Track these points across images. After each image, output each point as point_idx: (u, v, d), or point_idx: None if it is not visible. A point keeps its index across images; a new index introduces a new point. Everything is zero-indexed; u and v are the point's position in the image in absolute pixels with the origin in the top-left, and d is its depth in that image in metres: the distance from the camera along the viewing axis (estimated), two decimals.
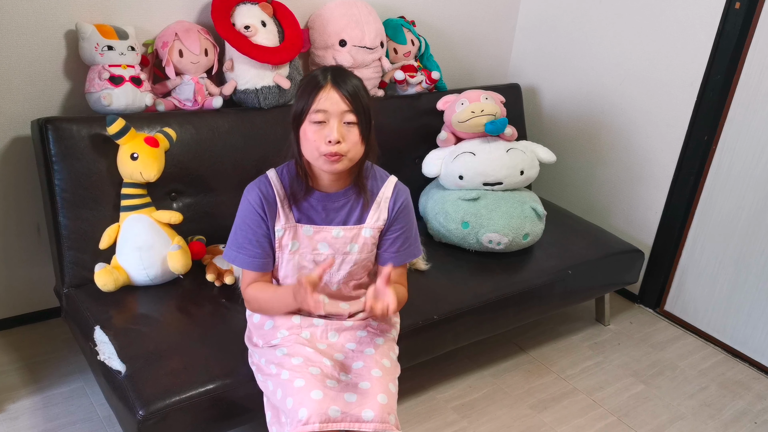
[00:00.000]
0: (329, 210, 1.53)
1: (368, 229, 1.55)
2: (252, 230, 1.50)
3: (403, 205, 1.57)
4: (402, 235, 1.58)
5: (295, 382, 1.41)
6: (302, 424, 1.33)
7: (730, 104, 2.35)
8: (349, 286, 1.60)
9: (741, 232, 2.39)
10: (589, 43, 2.75)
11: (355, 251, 1.56)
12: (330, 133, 1.40)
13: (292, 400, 1.38)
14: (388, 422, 1.39)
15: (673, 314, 2.68)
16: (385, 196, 1.56)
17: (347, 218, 1.54)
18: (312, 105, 1.41)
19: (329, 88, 1.41)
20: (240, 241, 1.52)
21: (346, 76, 1.44)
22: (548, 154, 2.38)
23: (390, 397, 1.44)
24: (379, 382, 1.45)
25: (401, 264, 1.60)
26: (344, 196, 1.53)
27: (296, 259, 1.54)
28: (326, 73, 1.44)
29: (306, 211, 1.53)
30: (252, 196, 1.50)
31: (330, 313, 1.59)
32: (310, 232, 1.53)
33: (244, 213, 1.52)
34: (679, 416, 2.15)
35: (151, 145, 1.82)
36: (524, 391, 2.20)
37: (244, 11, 2.10)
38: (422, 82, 2.52)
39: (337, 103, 1.41)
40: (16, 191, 2.08)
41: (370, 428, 1.37)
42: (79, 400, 1.95)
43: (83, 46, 1.93)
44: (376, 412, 1.38)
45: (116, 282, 1.81)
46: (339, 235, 1.54)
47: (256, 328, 1.60)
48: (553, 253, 2.31)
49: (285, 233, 1.51)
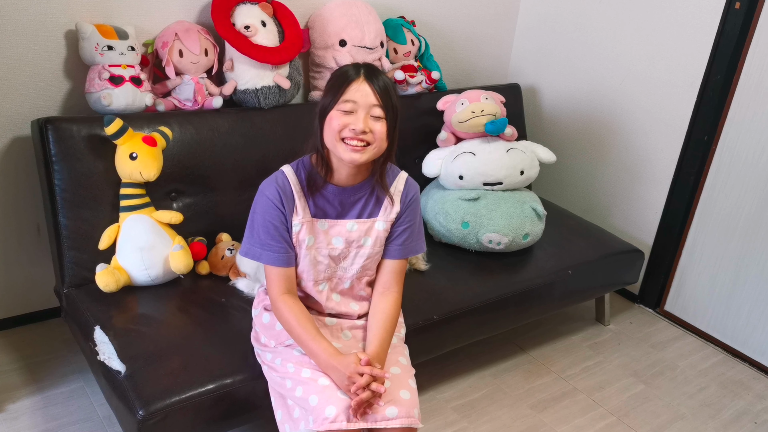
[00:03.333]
0: (345, 204, 1.54)
1: (381, 222, 1.56)
2: (274, 225, 1.49)
3: (413, 199, 1.59)
4: (409, 229, 1.58)
5: (319, 380, 1.42)
6: (330, 421, 1.34)
7: (730, 104, 2.35)
8: (361, 282, 1.60)
9: (741, 232, 2.39)
10: (589, 43, 2.75)
11: (369, 244, 1.56)
12: (356, 123, 1.40)
13: (317, 397, 1.39)
14: (413, 416, 1.41)
15: (673, 314, 2.68)
16: (398, 189, 1.57)
17: (361, 212, 1.55)
18: (341, 96, 1.41)
19: (361, 81, 1.42)
20: (263, 238, 1.49)
21: (379, 73, 1.45)
22: (548, 154, 2.38)
23: (411, 393, 1.46)
24: (398, 379, 1.46)
25: (404, 257, 1.60)
26: (360, 190, 1.54)
27: (312, 254, 1.54)
28: (359, 67, 1.44)
29: (321, 205, 1.53)
30: (270, 191, 1.49)
31: (339, 313, 1.60)
32: (325, 227, 1.54)
33: (264, 209, 1.49)
34: (679, 416, 2.15)
35: (149, 144, 1.82)
36: (524, 391, 2.20)
37: (244, 11, 2.10)
38: (422, 82, 2.52)
39: (367, 96, 1.41)
40: (16, 191, 2.08)
41: (397, 424, 1.39)
42: (79, 400, 1.95)
43: (83, 46, 1.93)
44: (399, 408, 1.40)
45: (118, 282, 1.81)
46: (353, 229, 1.55)
47: (266, 328, 1.60)
48: (553, 253, 2.31)
49: (302, 228, 1.51)
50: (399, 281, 1.61)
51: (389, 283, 1.60)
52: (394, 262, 1.59)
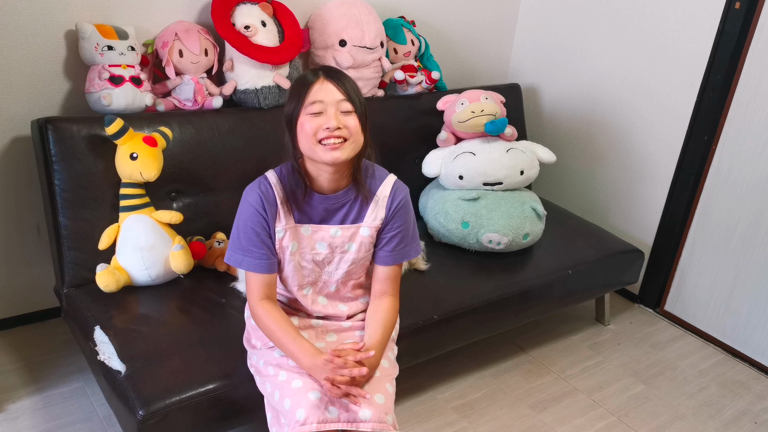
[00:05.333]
0: (329, 210, 1.52)
1: (366, 228, 1.54)
2: (255, 232, 1.47)
3: (401, 204, 1.55)
4: (399, 234, 1.55)
5: (292, 383, 1.42)
6: (300, 424, 1.34)
7: (730, 104, 2.35)
8: (347, 286, 1.60)
9: (741, 232, 2.39)
10: (589, 43, 2.75)
11: (353, 250, 1.55)
12: (328, 121, 1.39)
13: (290, 401, 1.39)
14: (386, 422, 1.39)
15: (673, 314, 2.68)
16: (383, 194, 1.54)
17: (345, 217, 1.53)
18: (306, 99, 1.40)
19: (322, 80, 1.41)
20: (244, 244, 1.48)
21: (339, 72, 1.45)
22: (548, 154, 2.38)
23: (387, 398, 1.44)
24: (376, 383, 1.45)
25: (396, 263, 1.58)
26: (344, 196, 1.52)
27: (296, 259, 1.53)
28: (316, 70, 1.44)
29: (305, 211, 1.52)
30: (252, 198, 1.48)
31: (327, 315, 1.59)
32: (309, 232, 1.52)
33: (246, 215, 1.48)
34: (679, 416, 2.15)
35: (149, 144, 1.82)
36: (524, 391, 2.20)
37: (244, 11, 2.10)
38: (422, 82, 2.52)
39: (333, 93, 1.40)
40: (16, 191, 2.08)
41: (368, 428, 1.37)
42: (79, 400, 1.95)
43: (83, 46, 1.93)
44: (373, 412, 1.38)
45: (118, 283, 1.81)
46: (337, 234, 1.53)
47: (254, 329, 1.59)
48: (553, 253, 2.31)
49: (285, 234, 1.50)
50: (393, 287, 1.59)
51: (383, 290, 1.58)
52: (386, 268, 1.57)
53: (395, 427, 1.41)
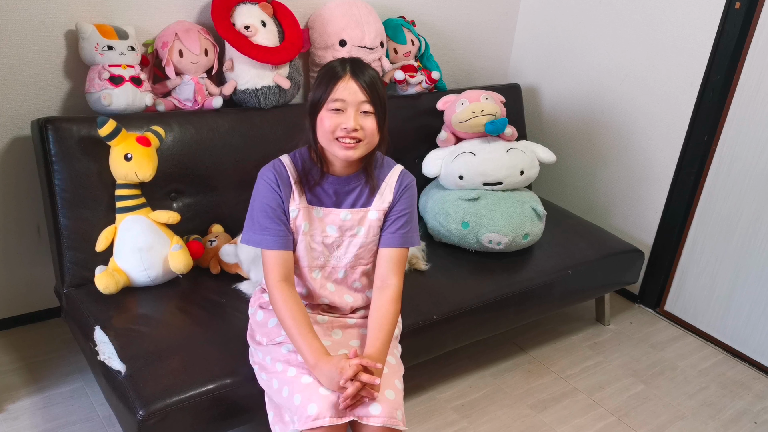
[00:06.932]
0: (339, 193, 1.57)
1: (374, 212, 1.58)
2: (272, 208, 1.52)
3: (407, 188, 1.60)
4: (404, 216, 1.59)
5: (302, 378, 1.42)
6: (312, 419, 1.34)
7: (730, 104, 2.35)
8: (355, 272, 1.61)
9: (741, 232, 2.39)
10: (589, 43, 2.75)
11: (362, 234, 1.58)
12: (347, 122, 1.44)
13: (300, 396, 1.39)
14: (396, 417, 1.40)
15: (673, 314, 2.68)
16: (391, 180, 1.60)
17: (355, 201, 1.58)
18: (330, 94, 1.45)
19: (348, 79, 1.45)
20: (262, 222, 1.52)
21: (364, 68, 1.48)
22: (548, 154, 2.38)
23: (397, 393, 1.45)
24: (385, 379, 1.46)
25: (401, 246, 1.59)
26: (355, 180, 1.57)
27: (307, 240, 1.56)
28: (345, 64, 1.47)
29: (317, 194, 1.56)
30: (268, 176, 1.53)
31: (333, 303, 1.60)
32: (320, 214, 1.56)
33: (262, 194, 1.53)
34: (679, 416, 2.15)
35: (143, 144, 1.82)
36: (524, 391, 2.20)
37: (244, 11, 2.10)
38: (422, 82, 2.52)
39: (355, 93, 1.45)
40: (16, 191, 2.08)
41: (379, 422, 1.38)
42: (79, 400, 1.95)
43: (83, 46, 1.93)
44: (383, 407, 1.39)
45: (117, 284, 1.80)
46: (347, 218, 1.57)
47: (260, 325, 1.60)
48: (553, 253, 2.31)
49: (299, 213, 1.54)
50: (398, 272, 1.59)
51: (387, 273, 1.57)
52: (391, 250, 1.58)
53: (404, 423, 1.42)
